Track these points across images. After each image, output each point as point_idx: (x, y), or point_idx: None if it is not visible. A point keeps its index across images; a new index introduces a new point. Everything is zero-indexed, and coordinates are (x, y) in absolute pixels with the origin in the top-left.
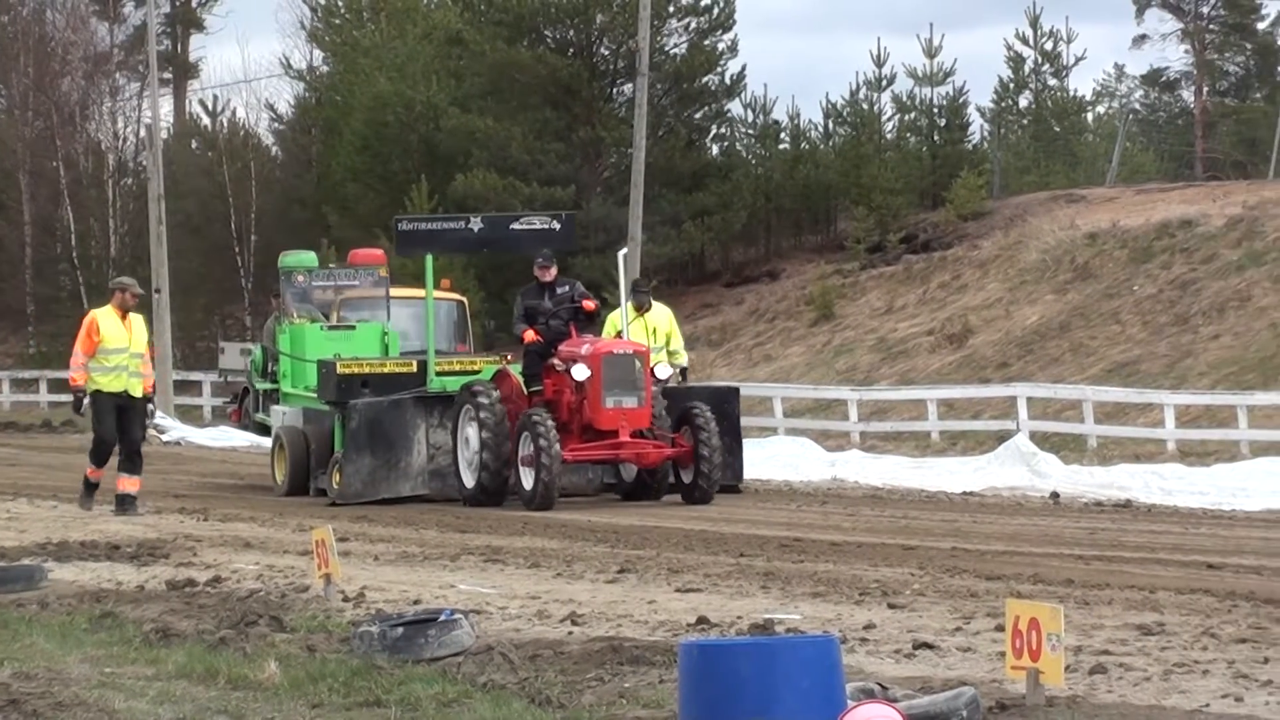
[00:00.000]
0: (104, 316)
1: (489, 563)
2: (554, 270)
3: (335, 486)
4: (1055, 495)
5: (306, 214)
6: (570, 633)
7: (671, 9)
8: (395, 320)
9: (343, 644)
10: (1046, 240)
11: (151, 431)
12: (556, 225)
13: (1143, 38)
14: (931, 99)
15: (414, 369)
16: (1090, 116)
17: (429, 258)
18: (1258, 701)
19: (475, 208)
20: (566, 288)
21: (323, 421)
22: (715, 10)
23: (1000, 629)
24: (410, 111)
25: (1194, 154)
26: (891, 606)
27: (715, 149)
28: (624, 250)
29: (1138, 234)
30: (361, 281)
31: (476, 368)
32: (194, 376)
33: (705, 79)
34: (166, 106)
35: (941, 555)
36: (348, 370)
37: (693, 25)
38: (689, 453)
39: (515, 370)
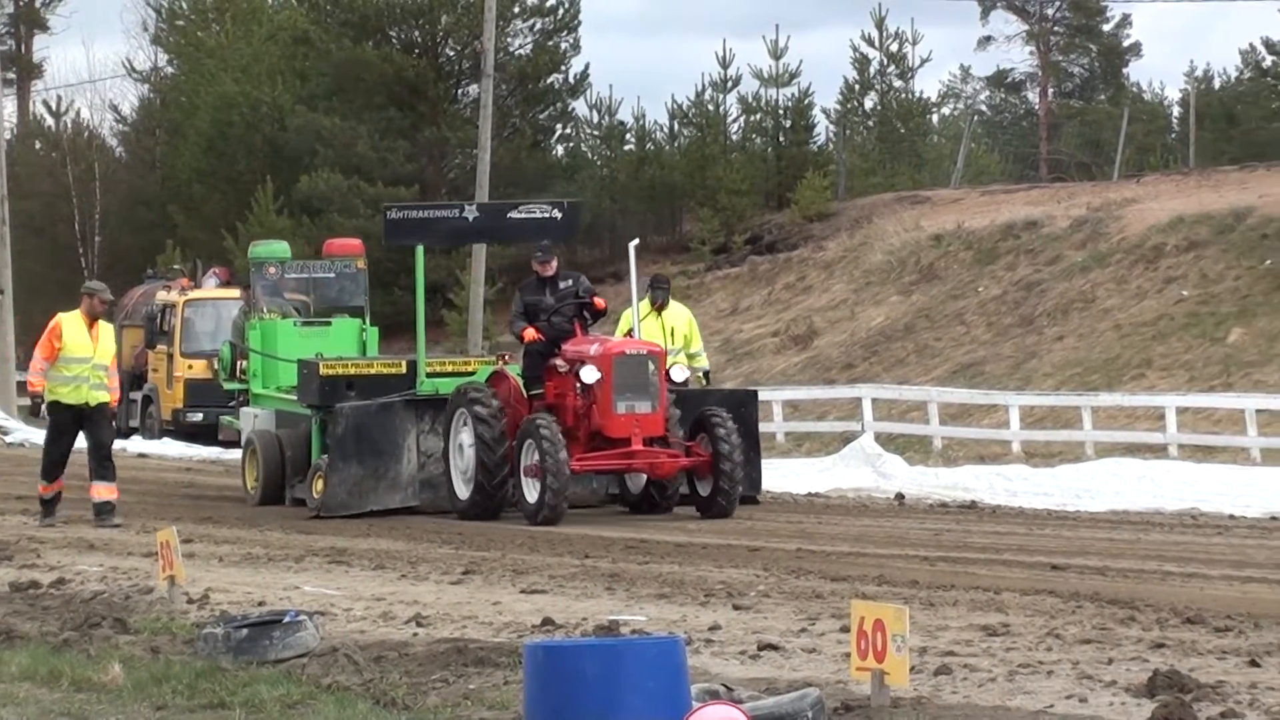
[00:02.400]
0: (69, 322)
1: (334, 564)
2: (554, 264)
3: (316, 496)
4: (900, 497)
5: (152, 215)
6: (415, 634)
7: (516, 9)
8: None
9: (187, 646)
10: (891, 242)
11: None
12: (558, 214)
13: (988, 39)
14: (777, 100)
15: (403, 370)
16: (935, 118)
17: (419, 249)
18: (1101, 702)
19: (320, 208)
20: (570, 282)
21: (299, 425)
22: (560, 11)
23: (845, 630)
24: (256, 112)
25: (1039, 155)
26: (736, 608)
27: (560, 149)
28: (635, 241)
29: (982, 235)
30: (337, 273)
31: (471, 369)
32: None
33: (550, 79)
34: (10, 106)
35: (787, 557)
36: (331, 371)
37: (537, 26)
38: (707, 462)
39: (514, 371)
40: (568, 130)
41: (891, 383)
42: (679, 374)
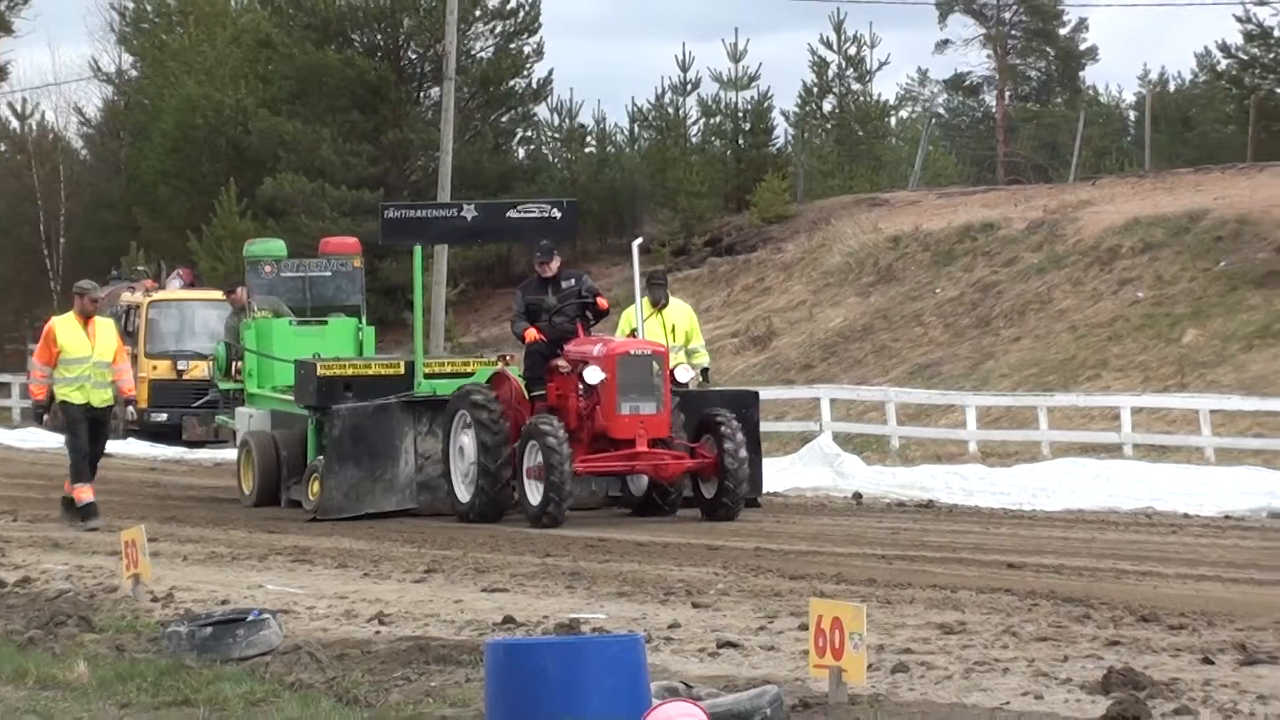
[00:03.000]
0: (63, 325)
1: (297, 563)
2: (556, 264)
3: (312, 498)
4: (858, 496)
5: (116, 216)
6: (377, 632)
7: (478, 13)
8: (203, 321)
9: (151, 644)
10: (850, 243)
11: None
12: (557, 213)
13: (945, 43)
14: (736, 103)
15: (400, 371)
16: (893, 121)
17: (417, 248)
18: (1057, 699)
19: (284, 210)
20: (572, 281)
21: (294, 425)
22: (521, 14)
23: (803, 628)
24: (219, 115)
25: (995, 158)
26: (696, 606)
27: (521, 152)
28: (639, 240)
29: (940, 237)
30: (333, 272)
31: (470, 369)
32: (3, 379)
33: (511, 83)
34: None
35: (745, 555)
36: (329, 372)
37: (499, 29)
38: (712, 464)
39: (514, 372)
40: (529, 133)
41: (849, 383)
42: (684, 374)
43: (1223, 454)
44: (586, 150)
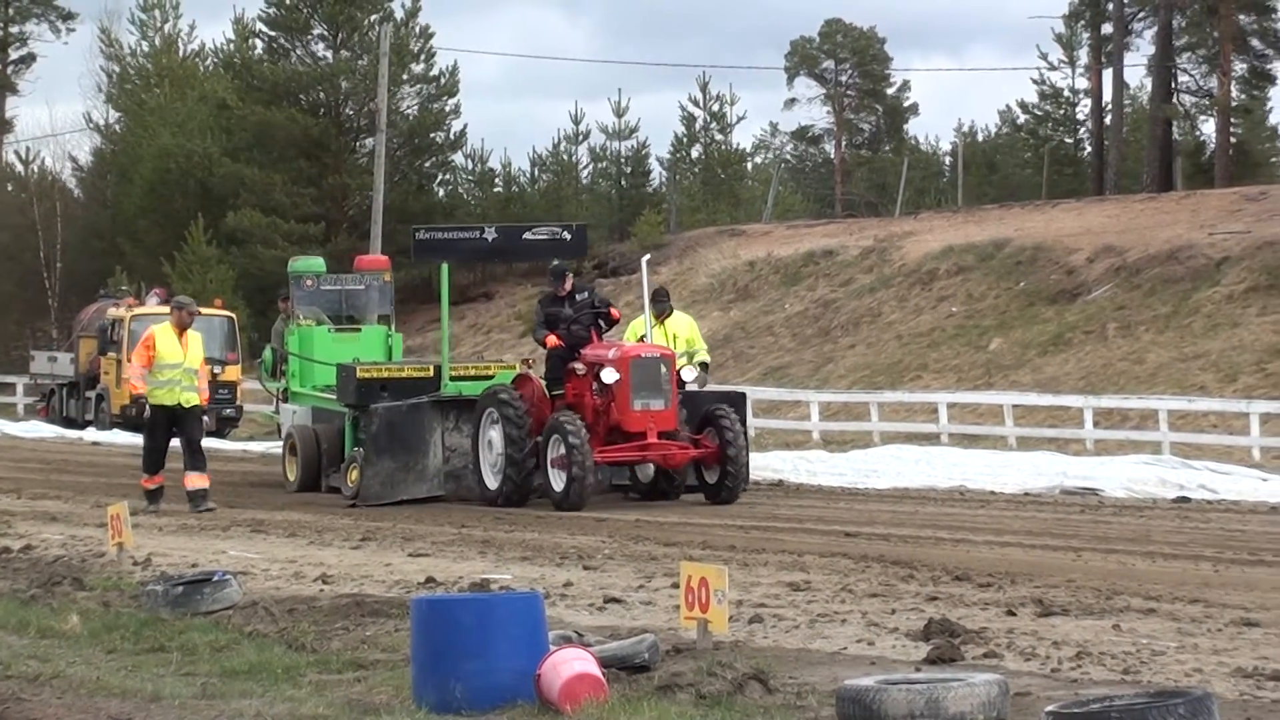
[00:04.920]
0: (161, 333)
1: (254, 533)
2: (569, 281)
3: (350, 485)
4: None
5: (103, 244)
6: (321, 590)
7: (405, 77)
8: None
9: (133, 600)
10: (714, 267)
11: None
12: (568, 235)
13: (793, 101)
14: (619, 151)
15: (430, 373)
16: (750, 165)
17: (444, 265)
18: (886, 645)
19: (243, 240)
20: (586, 293)
21: (333, 421)
22: (442, 80)
23: (676, 586)
24: (190, 161)
25: (834, 196)
26: (586, 568)
27: (441, 192)
28: (647, 256)
29: (788, 262)
30: (366, 286)
31: (490, 373)
32: (9, 379)
33: (433, 135)
34: None
35: (627, 526)
36: (367, 374)
37: (423, 91)
38: (714, 453)
39: (535, 374)
40: (447, 176)
41: (714, 384)
42: (689, 374)
43: (1023, 441)
44: (495, 190)
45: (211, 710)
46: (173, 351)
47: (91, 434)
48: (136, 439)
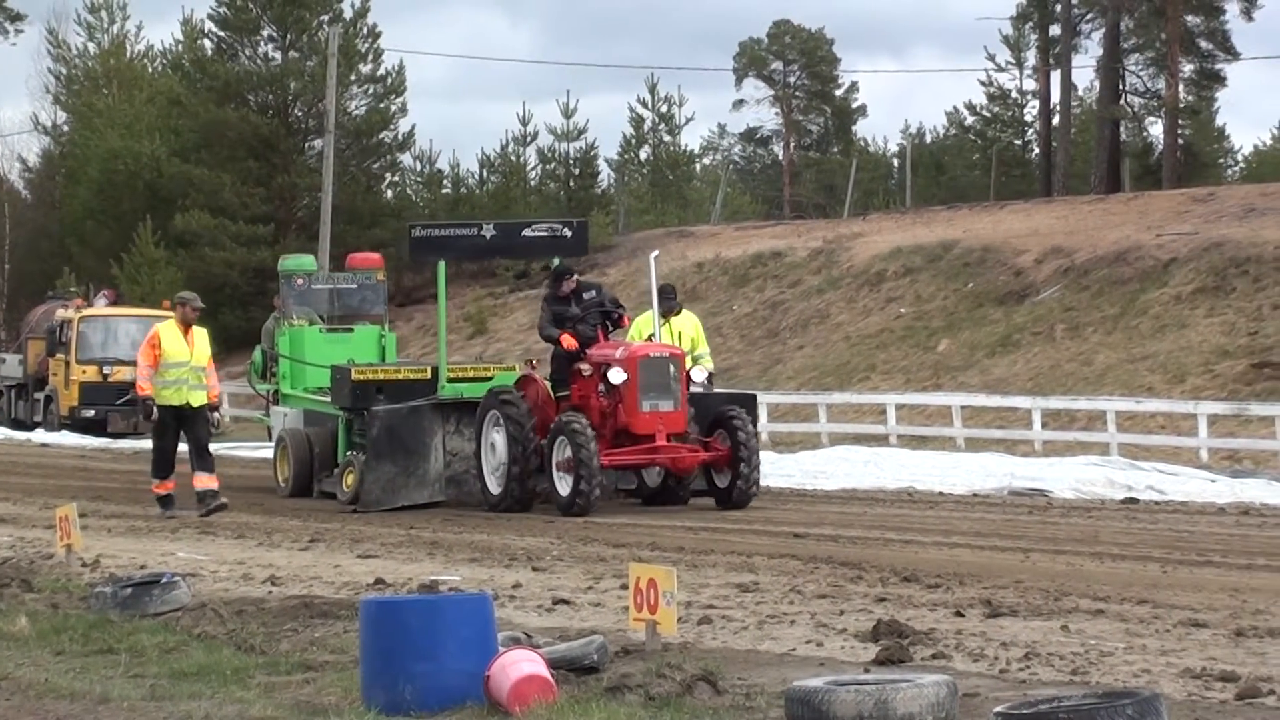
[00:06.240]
0: (166, 330)
1: (203, 535)
2: (574, 280)
3: (346, 490)
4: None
5: (52, 246)
6: (270, 592)
7: (353, 77)
8: (126, 333)
9: (82, 602)
10: (662, 269)
11: None
12: (568, 233)
13: (741, 102)
14: (568, 152)
15: (427, 375)
16: (698, 167)
17: (441, 264)
18: (835, 646)
19: (192, 242)
20: (593, 292)
21: (326, 424)
22: (389, 80)
23: (624, 587)
24: (138, 162)
25: (783, 198)
26: (535, 569)
27: (390, 193)
28: (655, 253)
29: (737, 263)
30: (359, 284)
31: (489, 374)
32: None
33: (381, 135)
34: None
35: (576, 527)
36: (362, 376)
37: (370, 91)
38: (725, 456)
39: (540, 375)
40: (396, 177)
41: None
42: (699, 374)
43: (971, 442)
44: (444, 191)
45: (160, 712)
46: (179, 349)
47: (40, 435)
48: (86, 440)
